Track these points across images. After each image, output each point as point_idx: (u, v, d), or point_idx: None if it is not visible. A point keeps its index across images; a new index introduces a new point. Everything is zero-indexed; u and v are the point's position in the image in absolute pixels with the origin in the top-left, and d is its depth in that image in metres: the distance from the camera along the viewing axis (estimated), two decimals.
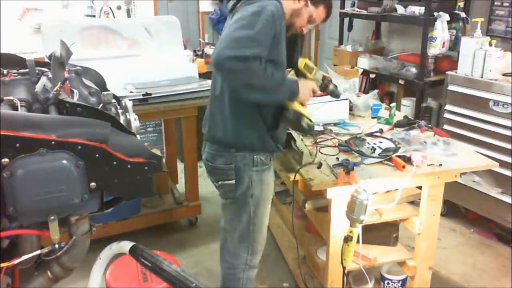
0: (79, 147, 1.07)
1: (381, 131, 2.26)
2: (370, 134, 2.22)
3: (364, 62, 3.95)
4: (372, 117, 2.52)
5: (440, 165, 1.92)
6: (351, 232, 1.70)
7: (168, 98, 2.77)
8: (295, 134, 2.05)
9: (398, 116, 2.51)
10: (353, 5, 4.30)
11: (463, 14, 3.38)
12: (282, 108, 1.79)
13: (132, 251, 1.40)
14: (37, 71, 1.41)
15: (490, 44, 2.88)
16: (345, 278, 1.85)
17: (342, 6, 4.32)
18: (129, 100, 1.39)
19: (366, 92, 3.64)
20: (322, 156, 2.00)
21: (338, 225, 1.89)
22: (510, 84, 2.71)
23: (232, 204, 1.93)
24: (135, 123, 1.31)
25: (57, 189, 1.06)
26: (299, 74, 1.92)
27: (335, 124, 2.41)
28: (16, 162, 1.02)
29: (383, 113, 2.40)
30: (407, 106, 3.70)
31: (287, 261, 2.76)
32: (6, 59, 1.45)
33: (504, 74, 2.84)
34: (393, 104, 2.43)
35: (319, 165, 1.90)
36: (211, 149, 1.89)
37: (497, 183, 2.88)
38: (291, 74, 2.81)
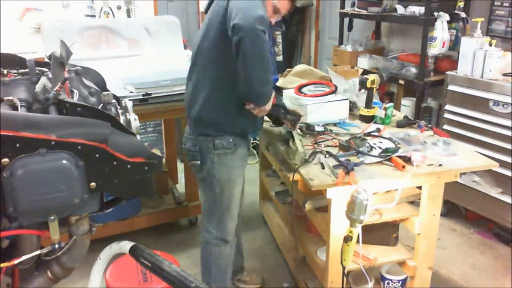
0: (79, 147, 1.07)
1: (378, 130, 2.26)
2: (368, 134, 2.22)
3: (364, 62, 3.94)
4: None
5: (440, 165, 1.92)
6: (351, 232, 1.70)
7: (168, 98, 2.77)
8: (295, 133, 2.06)
9: (398, 116, 2.51)
10: (353, 5, 4.29)
11: (463, 14, 3.38)
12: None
13: (132, 251, 1.40)
14: (37, 71, 1.41)
15: (490, 44, 2.88)
16: (345, 278, 1.85)
17: (342, 6, 4.32)
18: (129, 100, 1.39)
19: None
20: (322, 156, 2.00)
21: (338, 225, 1.89)
22: (510, 84, 2.71)
23: (200, 182, 2.15)
24: (135, 123, 1.31)
25: (57, 189, 1.06)
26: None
27: (335, 124, 2.41)
28: (16, 162, 1.02)
29: (380, 112, 2.40)
30: (407, 106, 3.70)
31: (287, 261, 2.76)
32: (6, 59, 1.45)
33: (504, 74, 2.84)
34: (389, 104, 2.43)
35: (322, 167, 1.89)
36: (186, 133, 2.13)
37: (497, 183, 2.88)
38: (291, 74, 2.82)
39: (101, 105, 1.33)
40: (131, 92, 2.72)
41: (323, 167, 1.88)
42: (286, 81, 2.76)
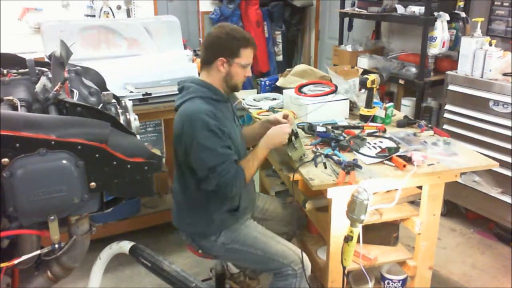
0: (79, 147, 1.07)
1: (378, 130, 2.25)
2: (371, 134, 2.22)
3: (364, 62, 3.94)
4: None
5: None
6: (351, 232, 1.70)
7: (168, 98, 2.77)
8: (299, 132, 2.04)
9: (398, 116, 2.51)
10: (353, 5, 4.30)
11: (463, 14, 3.38)
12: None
13: (132, 251, 1.40)
14: (37, 71, 1.41)
15: (490, 44, 2.88)
16: (345, 278, 1.85)
17: (342, 6, 4.32)
18: (129, 100, 1.39)
19: None
20: (323, 155, 1.99)
21: (339, 225, 1.89)
22: (510, 84, 2.71)
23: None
24: (135, 123, 1.31)
25: (57, 189, 1.06)
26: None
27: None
28: (16, 162, 1.02)
29: (380, 112, 2.40)
30: (407, 106, 3.70)
31: None
32: (6, 59, 1.45)
33: (504, 74, 2.84)
34: (389, 104, 2.43)
35: (324, 166, 1.89)
36: None
37: (497, 183, 2.88)
38: (291, 74, 2.82)
39: (101, 105, 1.33)
40: (131, 92, 2.72)
41: (325, 167, 1.88)
42: (286, 81, 2.76)
